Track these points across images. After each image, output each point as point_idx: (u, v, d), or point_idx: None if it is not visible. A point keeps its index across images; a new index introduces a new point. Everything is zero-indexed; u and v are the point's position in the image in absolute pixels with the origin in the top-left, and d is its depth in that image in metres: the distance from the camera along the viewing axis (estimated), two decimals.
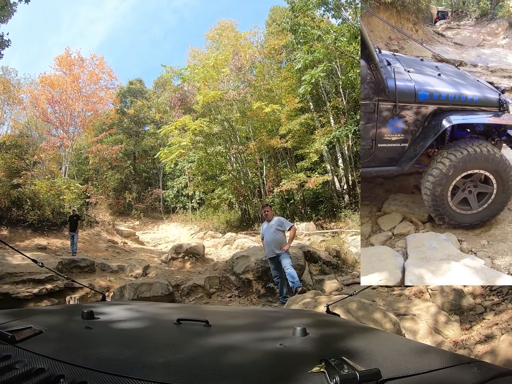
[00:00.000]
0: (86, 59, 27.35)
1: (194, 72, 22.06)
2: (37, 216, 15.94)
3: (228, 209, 27.40)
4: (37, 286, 8.37)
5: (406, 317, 4.76)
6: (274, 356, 1.07)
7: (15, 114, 30.94)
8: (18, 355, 0.96)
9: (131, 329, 1.42)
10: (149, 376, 0.87)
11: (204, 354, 1.06)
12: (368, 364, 0.96)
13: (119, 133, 33.96)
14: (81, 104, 26.76)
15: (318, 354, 1.07)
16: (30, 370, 0.88)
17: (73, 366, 0.90)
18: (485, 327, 4.69)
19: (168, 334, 1.36)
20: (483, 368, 1.02)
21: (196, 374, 0.90)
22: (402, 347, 1.27)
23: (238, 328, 1.51)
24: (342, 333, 1.48)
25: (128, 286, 7.21)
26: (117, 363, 0.95)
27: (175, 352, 1.08)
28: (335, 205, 20.49)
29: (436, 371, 0.98)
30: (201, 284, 7.82)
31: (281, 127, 20.97)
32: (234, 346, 1.18)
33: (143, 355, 1.03)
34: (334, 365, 0.91)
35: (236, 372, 0.93)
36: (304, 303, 4.75)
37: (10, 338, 1.04)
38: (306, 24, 17.62)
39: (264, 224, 7.09)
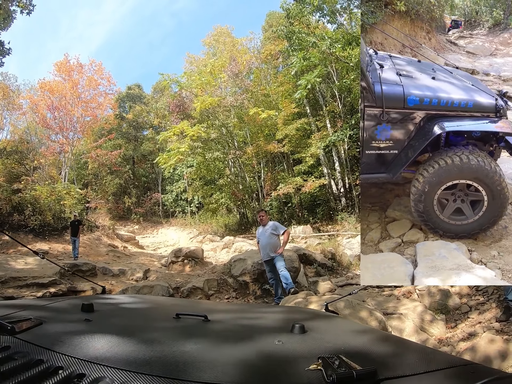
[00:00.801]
0: (85, 65, 27.63)
1: (191, 79, 22.27)
2: (38, 221, 15.98)
3: (226, 213, 27.51)
4: (41, 290, 8.51)
5: (393, 316, 5.02)
6: (272, 353, 1.07)
7: (14, 119, 31.18)
8: (18, 346, 0.98)
9: (130, 322, 1.42)
10: (147, 370, 0.88)
11: (202, 349, 1.07)
12: (365, 363, 0.96)
13: (118, 138, 34.13)
14: (80, 109, 26.94)
15: (315, 352, 1.07)
16: (29, 361, 0.91)
17: (72, 358, 0.92)
18: (469, 325, 4.93)
19: (167, 328, 1.35)
20: (479, 371, 1.04)
21: (194, 369, 0.91)
22: (400, 348, 1.29)
23: (237, 324, 1.52)
24: (340, 332, 1.50)
25: (130, 288, 7.50)
26: (116, 356, 0.96)
27: (173, 346, 1.10)
28: (332, 208, 20.63)
29: (432, 372, 1.00)
30: (200, 287, 8.08)
31: (278, 132, 21.14)
32: (232, 342, 1.19)
33: (142, 349, 1.04)
34: (331, 363, 0.92)
35: (234, 368, 0.94)
36: (296, 302, 5.01)
37: (10, 329, 1.06)
38: (301, 32, 17.78)
39: (259, 229, 7.33)
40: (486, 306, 5.23)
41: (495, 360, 3.57)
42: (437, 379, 0.99)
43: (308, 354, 1.05)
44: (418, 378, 0.95)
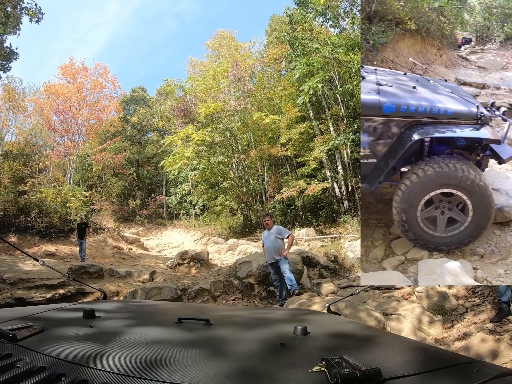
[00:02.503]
0: (90, 68, 27.91)
1: (195, 84, 22.47)
2: (44, 223, 16.21)
3: (230, 215, 27.61)
4: (50, 291, 8.72)
5: (392, 317, 5.23)
6: (275, 355, 1.06)
7: (19, 122, 31.50)
8: (19, 354, 0.97)
9: (132, 327, 1.40)
10: (149, 375, 0.88)
11: (205, 353, 1.07)
12: (369, 363, 0.97)
13: (123, 141, 34.37)
14: (85, 112, 27.23)
15: (319, 353, 1.07)
16: (31, 369, 0.90)
17: (74, 365, 0.92)
18: (465, 325, 5.15)
19: (169, 333, 1.34)
20: (484, 368, 1.03)
21: (196, 373, 0.91)
22: (403, 347, 1.28)
23: (239, 327, 1.50)
24: (343, 333, 1.49)
25: (139, 290, 7.71)
26: (118, 362, 0.96)
27: (176, 351, 1.09)
28: (334, 210, 20.78)
29: (436, 370, 1.00)
30: (207, 288, 8.32)
31: (281, 136, 21.29)
32: (234, 345, 1.19)
33: (144, 354, 1.04)
34: (334, 365, 0.92)
35: (236, 371, 0.94)
36: (300, 303, 5.25)
37: (11, 336, 1.06)
38: (304, 38, 17.86)
39: (264, 232, 7.56)
40: (481, 308, 5.44)
41: (486, 358, 3.73)
42: (442, 377, 0.98)
43: (311, 356, 1.05)
44: (422, 377, 0.95)
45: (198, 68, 32.14)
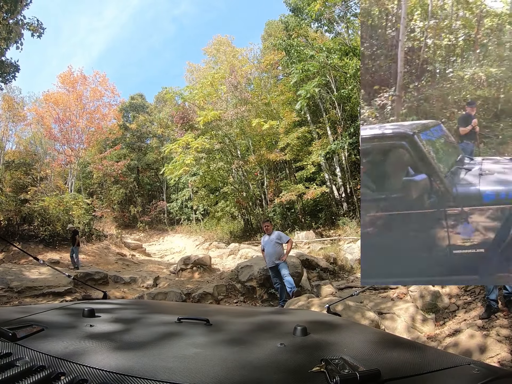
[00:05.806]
0: (89, 76, 28.18)
1: (194, 92, 22.72)
2: (48, 231, 16.28)
3: (231, 219, 27.80)
4: (57, 299, 8.87)
5: (387, 316, 5.50)
6: (275, 356, 1.05)
7: (19, 131, 31.81)
8: (19, 353, 0.98)
9: (132, 327, 1.39)
10: (149, 374, 0.88)
11: (204, 354, 1.06)
12: (369, 364, 0.97)
13: (123, 148, 34.52)
14: (85, 121, 27.46)
15: (318, 353, 1.07)
16: (30, 368, 0.90)
17: (74, 364, 0.92)
18: (456, 323, 5.38)
19: (169, 332, 1.32)
20: (483, 369, 1.02)
21: (196, 373, 0.91)
22: (403, 348, 1.28)
23: (239, 328, 1.49)
24: (342, 333, 1.49)
25: (145, 295, 7.98)
26: (118, 361, 0.96)
27: (175, 351, 1.10)
28: (334, 212, 21.06)
29: (436, 372, 1.00)
30: (210, 292, 8.54)
31: (279, 141, 21.55)
32: (234, 345, 1.19)
33: (144, 354, 1.04)
34: (334, 365, 0.92)
35: (236, 371, 0.94)
36: (299, 305, 5.53)
37: (11, 335, 1.06)
38: (299, 45, 18.08)
39: (265, 237, 7.83)
40: (472, 305, 5.67)
41: (474, 353, 3.99)
42: (441, 379, 0.99)
43: (311, 356, 1.05)
44: (422, 378, 0.95)
45: (196, 74, 32.51)
